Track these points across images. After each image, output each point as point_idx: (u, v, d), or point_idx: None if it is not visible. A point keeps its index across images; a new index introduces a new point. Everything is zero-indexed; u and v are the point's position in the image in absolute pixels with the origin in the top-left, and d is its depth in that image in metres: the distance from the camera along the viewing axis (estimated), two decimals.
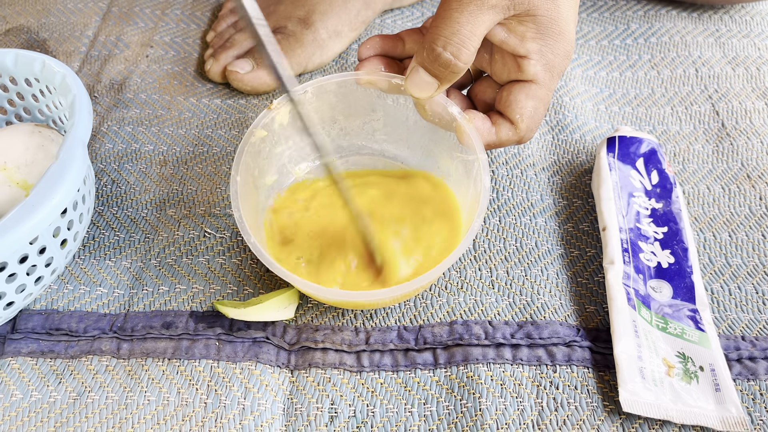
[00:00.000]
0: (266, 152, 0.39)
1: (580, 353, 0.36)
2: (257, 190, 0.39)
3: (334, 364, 0.37)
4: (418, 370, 0.36)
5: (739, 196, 0.45)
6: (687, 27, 0.58)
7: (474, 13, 0.33)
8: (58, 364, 0.37)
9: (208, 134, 0.50)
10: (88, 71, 0.55)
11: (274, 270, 0.32)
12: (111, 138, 0.49)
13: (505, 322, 0.38)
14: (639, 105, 0.52)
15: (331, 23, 0.55)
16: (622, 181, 0.43)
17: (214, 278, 0.41)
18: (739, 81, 0.53)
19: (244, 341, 0.37)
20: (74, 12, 0.61)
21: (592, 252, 0.42)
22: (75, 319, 0.38)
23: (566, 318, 0.38)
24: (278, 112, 0.38)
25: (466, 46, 0.33)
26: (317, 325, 0.38)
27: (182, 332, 0.37)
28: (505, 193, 0.45)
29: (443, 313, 0.39)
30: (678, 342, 0.36)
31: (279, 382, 0.36)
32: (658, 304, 0.38)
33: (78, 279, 0.40)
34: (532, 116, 0.37)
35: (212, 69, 0.53)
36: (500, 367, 0.36)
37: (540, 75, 0.36)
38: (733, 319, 0.39)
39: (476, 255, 0.42)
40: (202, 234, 0.43)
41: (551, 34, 0.35)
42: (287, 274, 0.32)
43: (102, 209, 0.44)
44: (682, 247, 0.40)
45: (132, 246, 0.42)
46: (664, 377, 0.35)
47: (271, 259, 0.33)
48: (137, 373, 0.36)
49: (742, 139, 0.49)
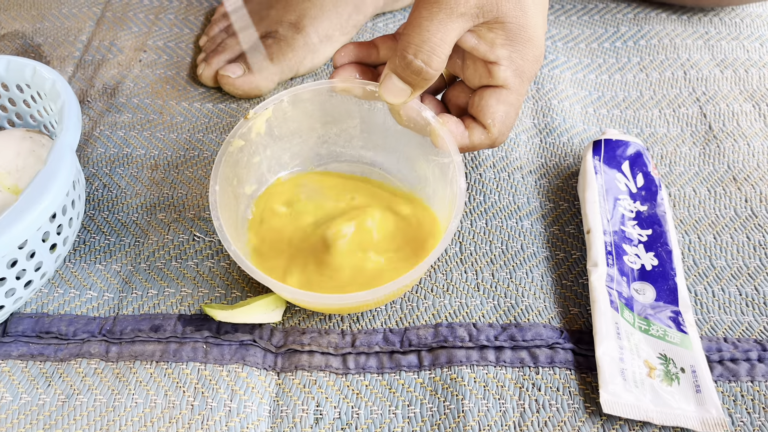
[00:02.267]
0: (244, 162, 0.39)
1: (563, 355, 0.37)
2: (237, 200, 0.39)
3: (320, 366, 0.37)
4: (402, 372, 0.37)
5: (725, 199, 0.45)
6: (676, 29, 0.58)
7: (444, 21, 0.34)
8: (48, 367, 0.37)
9: (199, 138, 0.50)
10: (81, 76, 0.56)
11: (255, 276, 0.33)
12: (103, 142, 0.50)
13: (489, 325, 0.38)
14: (627, 108, 0.52)
15: (322, 27, 0.55)
16: (607, 184, 0.43)
17: (203, 281, 0.41)
18: (727, 83, 0.53)
19: (231, 344, 0.38)
20: (68, 17, 0.62)
21: (577, 255, 0.42)
22: (65, 323, 0.39)
23: (550, 320, 0.39)
24: (255, 122, 0.39)
25: (437, 53, 0.34)
26: (304, 328, 0.39)
27: (170, 335, 0.38)
28: (492, 196, 0.45)
29: (428, 315, 0.39)
30: (660, 344, 0.37)
31: (265, 385, 0.36)
32: (641, 305, 0.38)
33: (68, 282, 0.41)
34: (504, 120, 0.38)
35: (204, 73, 0.54)
36: (483, 369, 0.36)
37: (510, 80, 0.37)
38: (715, 320, 0.39)
39: (462, 257, 0.42)
40: (192, 238, 0.43)
41: (520, 41, 0.36)
42: (268, 280, 0.33)
43: (93, 213, 0.45)
44: (666, 250, 0.41)
45: (122, 250, 0.43)
46: (645, 378, 0.35)
47: (251, 266, 0.33)
48: (125, 375, 0.36)
49: (728, 141, 0.49)
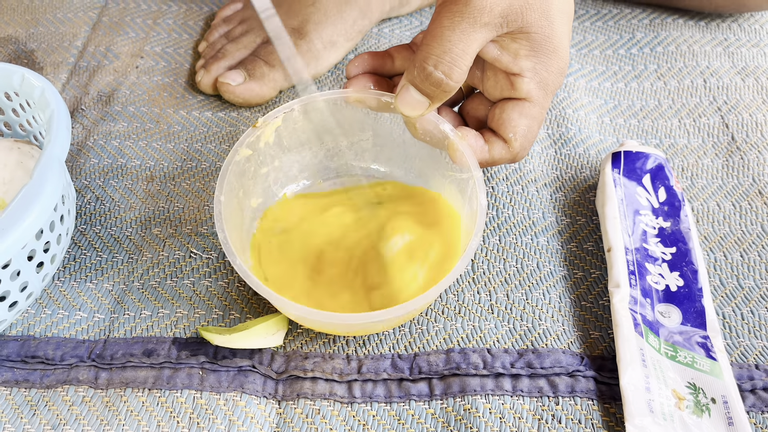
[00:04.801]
0: (251, 172, 0.37)
1: (584, 384, 0.34)
2: (242, 212, 0.37)
3: (324, 394, 0.35)
4: (412, 401, 0.34)
5: (751, 214, 0.43)
6: (694, 36, 0.56)
7: (466, 30, 0.32)
8: (33, 395, 0.35)
9: (197, 148, 0.48)
10: (75, 83, 0.54)
11: (260, 292, 0.31)
12: (96, 153, 0.48)
13: (504, 350, 0.36)
14: (645, 117, 0.50)
15: (326, 33, 0.53)
16: (627, 198, 0.41)
17: (200, 302, 0.39)
18: (749, 92, 0.51)
19: (228, 370, 0.35)
20: (63, 22, 0.59)
21: (597, 273, 0.40)
22: (52, 346, 0.36)
23: (569, 345, 0.36)
24: (264, 131, 0.36)
25: (458, 65, 0.32)
26: (307, 353, 0.36)
27: (164, 360, 0.35)
28: (506, 211, 0.43)
29: (440, 339, 0.37)
30: (688, 371, 0.34)
31: (265, 414, 0.34)
32: (667, 330, 0.36)
33: (57, 302, 0.39)
34: (526, 135, 0.36)
35: (203, 80, 0.52)
36: (499, 399, 0.34)
37: (533, 93, 0.35)
38: (746, 345, 0.37)
39: (475, 277, 0.40)
40: (188, 254, 0.41)
41: (545, 52, 0.34)
42: (274, 296, 0.30)
43: (84, 228, 0.43)
44: (692, 269, 0.38)
45: (114, 267, 0.40)
46: (674, 410, 0.33)
47: (257, 281, 0.31)
48: (115, 404, 0.34)
49: (753, 153, 0.47)
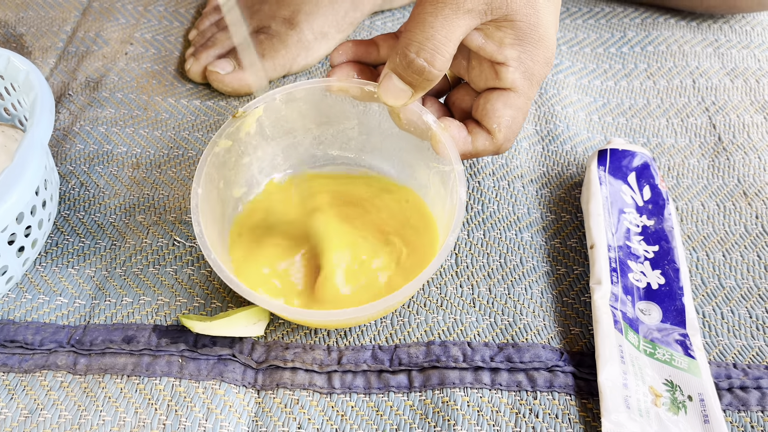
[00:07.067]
0: (232, 163, 0.37)
1: (563, 379, 0.35)
2: (222, 203, 0.37)
3: (304, 384, 0.35)
4: (391, 393, 0.34)
5: (735, 214, 0.43)
6: (685, 36, 0.56)
7: (449, 17, 0.31)
8: (11, 379, 0.35)
9: (184, 137, 0.48)
10: (64, 68, 0.53)
11: (235, 289, 0.30)
12: (83, 138, 0.47)
13: (484, 344, 0.36)
14: (633, 116, 0.50)
15: (317, 24, 0.53)
16: (612, 196, 0.41)
17: (181, 290, 0.39)
18: (737, 93, 0.51)
19: (208, 358, 0.35)
20: (54, 6, 0.59)
21: (580, 270, 0.40)
22: (31, 331, 0.36)
23: (549, 340, 0.36)
24: (244, 121, 0.36)
25: (441, 52, 0.32)
26: (287, 343, 0.36)
27: (144, 347, 0.35)
28: (491, 206, 0.43)
29: (421, 332, 0.37)
30: (666, 369, 0.34)
31: (244, 403, 0.34)
32: (647, 327, 0.36)
33: (37, 287, 0.38)
34: (510, 126, 0.36)
35: (192, 68, 0.51)
36: (478, 392, 0.34)
37: (518, 83, 0.35)
38: (724, 344, 0.37)
39: (458, 271, 0.40)
40: (172, 242, 0.41)
41: (531, 41, 0.34)
42: (249, 292, 0.30)
43: (68, 213, 0.42)
44: (674, 268, 0.38)
45: (97, 253, 0.40)
46: (650, 407, 0.33)
47: (230, 275, 0.31)
48: (93, 390, 0.34)
49: (739, 154, 0.47)
